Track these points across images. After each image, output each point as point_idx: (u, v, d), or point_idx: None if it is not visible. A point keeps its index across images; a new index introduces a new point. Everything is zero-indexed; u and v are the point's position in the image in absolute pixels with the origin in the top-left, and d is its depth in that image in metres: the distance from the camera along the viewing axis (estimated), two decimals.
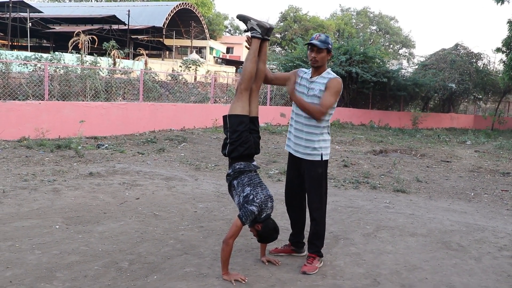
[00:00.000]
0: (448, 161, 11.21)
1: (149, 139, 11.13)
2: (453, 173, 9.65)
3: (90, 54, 15.90)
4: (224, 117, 3.89)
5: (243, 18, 3.97)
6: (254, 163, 3.88)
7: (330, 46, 3.89)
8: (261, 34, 3.89)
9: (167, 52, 52.29)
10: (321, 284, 3.62)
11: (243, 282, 3.53)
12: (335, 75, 3.94)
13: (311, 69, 4.03)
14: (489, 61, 28.14)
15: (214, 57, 55.87)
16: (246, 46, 4.00)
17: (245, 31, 3.99)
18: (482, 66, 27.47)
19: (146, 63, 25.14)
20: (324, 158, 3.94)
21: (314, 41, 3.84)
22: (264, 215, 3.61)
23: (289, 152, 4.16)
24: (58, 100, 11.43)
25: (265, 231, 3.62)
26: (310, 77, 3.96)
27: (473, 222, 5.79)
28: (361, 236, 4.95)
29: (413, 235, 5.06)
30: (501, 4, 20.63)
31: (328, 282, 3.66)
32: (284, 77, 4.16)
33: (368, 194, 7.21)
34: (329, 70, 3.98)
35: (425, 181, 8.57)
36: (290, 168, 4.20)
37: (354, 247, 4.55)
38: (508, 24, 21.52)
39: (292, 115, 4.10)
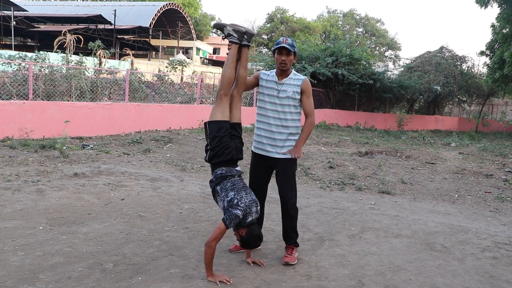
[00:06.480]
0: (432, 163, 11.33)
1: (134, 140, 11.06)
2: (438, 175, 9.76)
3: (75, 53, 15.71)
4: (205, 123, 3.91)
5: (219, 27, 4.04)
6: (238, 168, 3.88)
7: (296, 50, 4.07)
8: (238, 39, 3.92)
9: (154, 53, 52.09)
10: (306, 285, 3.63)
11: (228, 283, 3.52)
12: (303, 76, 4.14)
13: (274, 70, 4.17)
14: (473, 64, 28.63)
15: (201, 57, 55.79)
16: (227, 53, 4.06)
17: (223, 38, 4.04)
18: (466, 69, 27.84)
19: (132, 63, 24.94)
20: None
21: (284, 45, 3.98)
22: (249, 219, 3.61)
23: (255, 153, 4.23)
24: (43, 100, 11.28)
25: (249, 237, 3.61)
26: (278, 80, 4.09)
27: (457, 223, 5.86)
28: (346, 237, 4.98)
29: (398, 237, 5.10)
30: (484, 8, 21.05)
31: (313, 283, 3.67)
32: (250, 83, 4.20)
33: (353, 196, 7.26)
34: (294, 71, 4.16)
35: (410, 182, 8.65)
36: (257, 168, 4.24)
37: (339, 249, 4.58)
38: (492, 28, 21.90)
39: (260, 118, 4.18)
